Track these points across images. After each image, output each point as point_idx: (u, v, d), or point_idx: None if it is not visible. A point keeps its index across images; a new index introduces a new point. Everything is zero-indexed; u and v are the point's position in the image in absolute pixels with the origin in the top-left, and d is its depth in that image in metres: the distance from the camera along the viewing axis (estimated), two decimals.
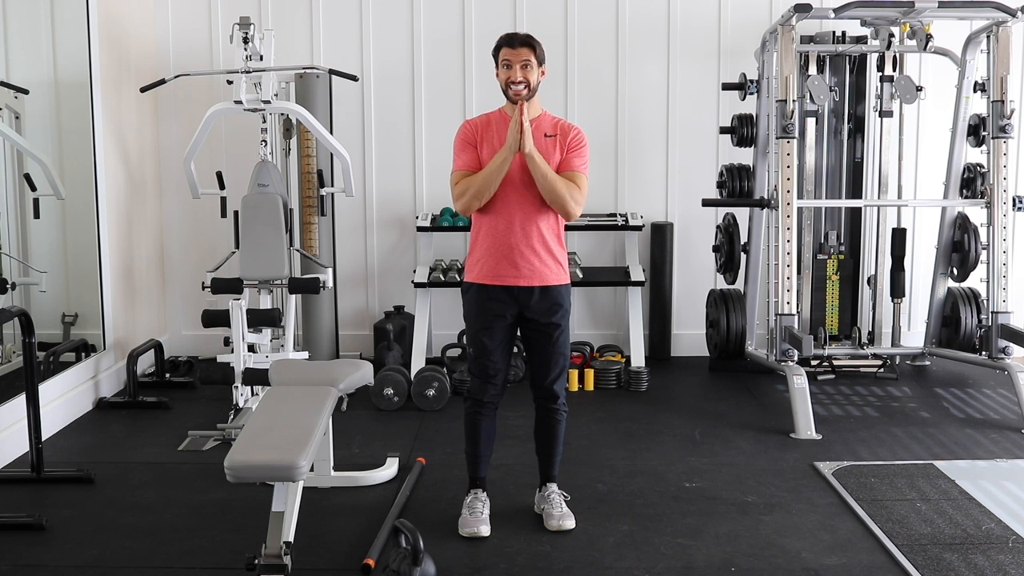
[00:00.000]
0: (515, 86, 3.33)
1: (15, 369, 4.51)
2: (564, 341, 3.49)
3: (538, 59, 3.37)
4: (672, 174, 6.10)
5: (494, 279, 3.40)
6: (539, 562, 3.23)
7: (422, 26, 5.97)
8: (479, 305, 3.44)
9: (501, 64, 3.38)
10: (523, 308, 3.41)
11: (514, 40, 3.38)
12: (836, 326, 5.80)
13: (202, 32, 5.96)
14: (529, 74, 3.34)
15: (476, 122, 3.48)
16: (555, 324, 3.44)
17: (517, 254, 3.37)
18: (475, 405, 3.52)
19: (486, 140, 3.41)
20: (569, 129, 3.44)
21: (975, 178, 5.45)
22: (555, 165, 3.39)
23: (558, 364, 3.49)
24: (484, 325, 3.43)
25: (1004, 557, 3.22)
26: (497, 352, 3.45)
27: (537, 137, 3.37)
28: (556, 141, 3.41)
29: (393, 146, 6.04)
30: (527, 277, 3.39)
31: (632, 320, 5.68)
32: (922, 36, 5.11)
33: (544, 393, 3.52)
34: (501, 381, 3.49)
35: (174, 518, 3.60)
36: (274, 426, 3.16)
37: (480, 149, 3.41)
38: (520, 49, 3.35)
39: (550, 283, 3.41)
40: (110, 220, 5.23)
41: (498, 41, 3.42)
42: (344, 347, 6.00)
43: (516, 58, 3.34)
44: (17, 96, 4.87)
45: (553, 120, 3.47)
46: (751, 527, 3.51)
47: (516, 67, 3.33)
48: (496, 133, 3.41)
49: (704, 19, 6.00)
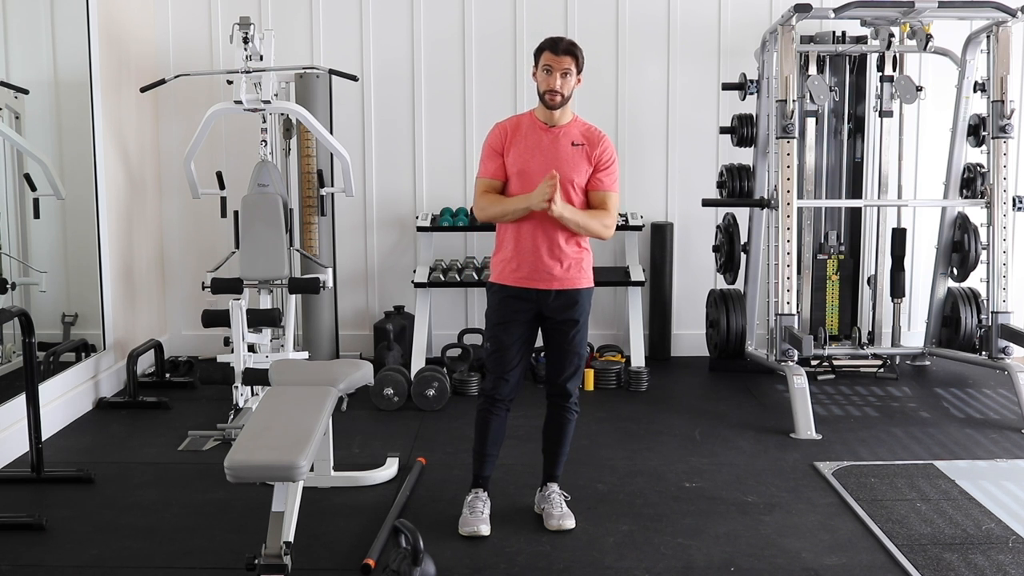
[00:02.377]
0: (551, 95, 3.32)
1: (15, 369, 4.52)
2: (580, 341, 3.48)
3: (578, 68, 3.35)
4: (672, 174, 6.10)
5: (516, 281, 3.41)
6: (539, 562, 3.23)
7: (422, 26, 5.97)
8: (499, 302, 3.46)
9: (541, 68, 3.34)
10: (542, 307, 3.43)
11: (558, 46, 3.33)
12: (836, 326, 5.80)
13: (202, 32, 5.96)
14: (567, 84, 3.33)
15: (506, 125, 3.47)
16: (572, 320, 3.44)
17: (540, 258, 3.37)
18: (488, 402, 3.52)
19: (514, 145, 3.40)
20: (598, 140, 3.42)
21: (975, 178, 5.46)
22: (583, 176, 3.39)
23: (572, 363, 3.50)
24: (502, 321, 3.44)
25: (1004, 557, 3.22)
26: (513, 349, 3.45)
27: (564, 145, 3.38)
28: (584, 151, 3.39)
29: (393, 146, 6.04)
30: (546, 281, 3.39)
31: (632, 320, 5.68)
32: (922, 36, 5.11)
33: (557, 390, 3.53)
34: (515, 379, 3.49)
35: (174, 518, 3.60)
36: (274, 426, 3.16)
37: (507, 154, 3.40)
38: (563, 57, 3.31)
39: (569, 287, 3.42)
40: (110, 220, 5.23)
41: (542, 43, 3.37)
42: (344, 347, 6.00)
43: (558, 65, 3.31)
44: (17, 96, 4.88)
45: (583, 127, 3.45)
46: (751, 527, 3.51)
47: (556, 75, 3.31)
48: (525, 137, 3.40)
49: (704, 19, 6.00)
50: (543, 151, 3.38)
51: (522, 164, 3.38)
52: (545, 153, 3.38)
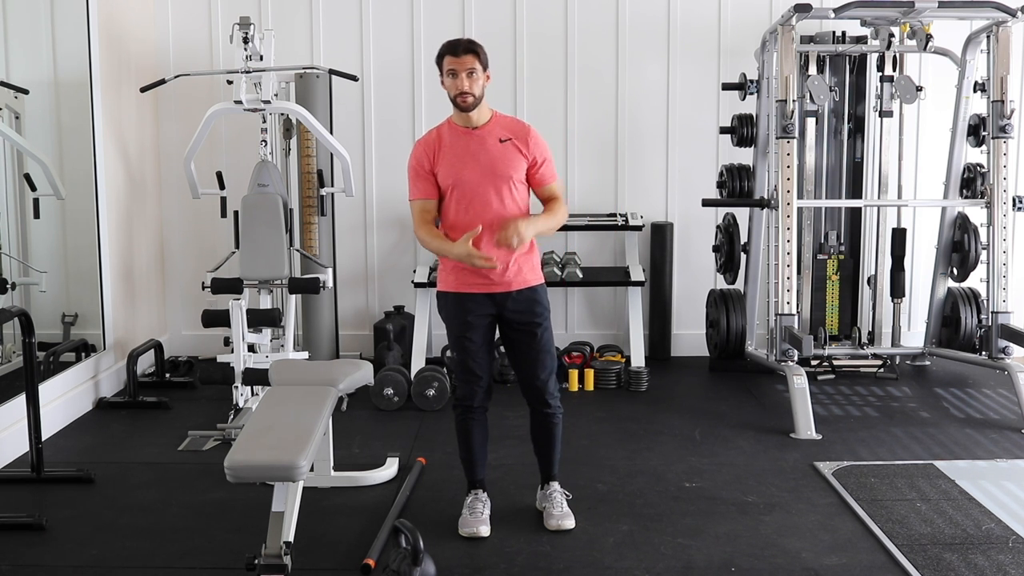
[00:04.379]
0: (462, 97, 3.30)
1: (15, 369, 4.52)
2: (548, 339, 3.46)
3: (483, 64, 3.33)
4: (672, 174, 6.10)
5: (469, 287, 3.38)
6: (539, 562, 3.23)
7: (422, 26, 5.97)
8: (457, 309, 3.42)
9: (446, 73, 3.32)
10: (501, 310, 3.40)
11: (457, 48, 3.31)
12: (836, 326, 5.79)
13: (202, 32, 5.96)
14: (474, 83, 3.30)
15: (427, 140, 3.43)
16: (536, 323, 3.42)
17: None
18: (464, 412, 3.51)
19: (442, 158, 3.37)
20: (525, 134, 3.39)
21: (975, 178, 5.45)
22: (520, 171, 3.36)
23: (546, 364, 3.46)
24: (464, 328, 3.41)
25: (1004, 557, 3.22)
26: (481, 352, 3.44)
27: (492, 144, 3.35)
28: (513, 145, 3.37)
29: (393, 146, 6.04)
30: (504, 284, 3.37)
31: (632, 320, 5.68)
32: (922, 36, 5.11)
33: (536, 395, 3.50)
34: (487, 383, 3.48)
35: (174, 518, 3.60)
36: (274, 426, 3.16)
37: (437, 170, 3.37)
38: (464, 57, 3.29)
39: (524, 285, 3.40)
40: (110, 220, 5.23)
41: (441, 48, 3.35)
42: (344, 347, 6.00)
43: (461, 66, 3.29)
44: (17, 96, 4.88)
45: (504, 120, 3.43)
46: (751, 527, 3.51)
47: (462, 75, 3.29)
48: (451, 147, 3.37)
49: (704, 19, 6.00)
50: (472, 155, 3.34)
51: (455, 175, 3.34)
52: (475, 156, 3.34)
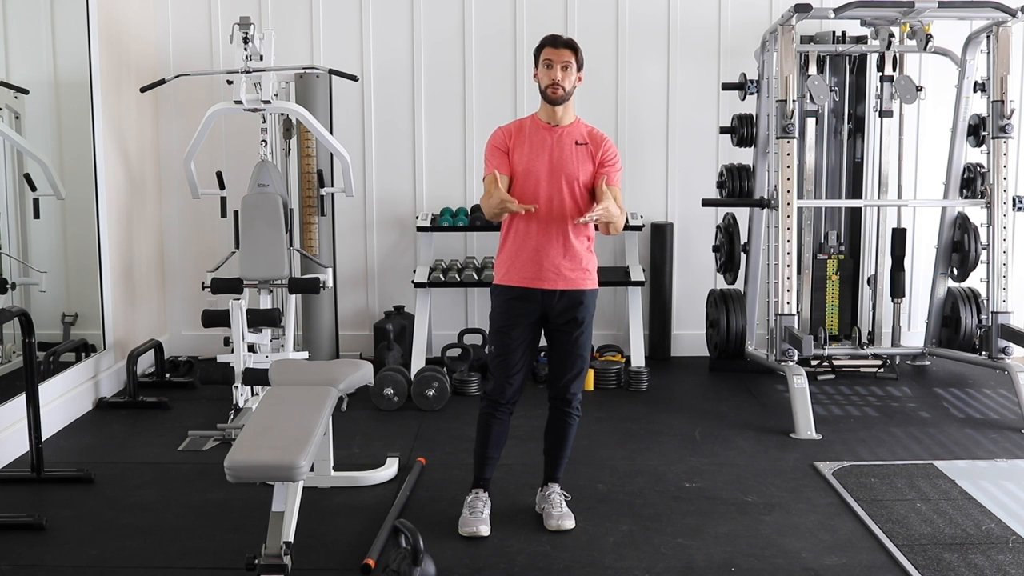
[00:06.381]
0: (552, 88, 3.34)
1: (15, 369, 4.51)
2: (584, 343, 3.48)
3: (578, 63, 3.39)
4: (672, 174, 6.10)
5: (521, 281, 3.41)
6: (539, 562, 3.23)
7: (422, 26, 5.97)
8: (504, 304, 3.46)
9: (542, 63, 3.38)
10: (546, 310, 3.42)
11: (558, 41, 3.39)
12: (836, 326, 5.80)
13: (202, 32, 5.96)
14: (567, 77, 3.35)
15: (509, 127, 3.49)
16: (576, 321, 3.43)
17: (543, 258, 3.37)
18: (491, 406, 3.52)
19: (518, 145, 3.42)
20: (601, 140, 3.45)
21: (975, 178, 5.46)
22: (587, 175, 3.40)
23: (575, 365, 3.48)
24: (507, 324, 3.44)
25: (1004, 557, 3.22)
26: (518, 352, 3.45)
27: (568, 144, 3.39)
28: (587, 150, 3.41)
29: (393, 146, 6.04)
30: (551, 281, 3.39)
31: (632, 320, 5.68)
32: (922, 36, 5.11)
33: (559, 393, 3.52)
34: (519, 383, 3.48)
35: (174, 518, 3.60)
36: (274, 426, 3.16)
37: (511, 155, 3.42)
38: (563, 50, 3.36)
39: (573, 287, 3.41)
40: (110, 220, 5.23)
41: (542, 40, 3.42)
42: (344, 347, 6.00)
43: (558, 58, 3.35)
44: (17, 96, 4.88)
45: (586, 128, 3.47)
46: (751, 527, 3.51)
47: (557, 67, 3.34)
48: (529, 138, 3.42)
49: (704, 19, 6.00)
50: (548, 150, 3.39)
51: (527, 164, 3.39)
52: (550, 152, 3.39)
